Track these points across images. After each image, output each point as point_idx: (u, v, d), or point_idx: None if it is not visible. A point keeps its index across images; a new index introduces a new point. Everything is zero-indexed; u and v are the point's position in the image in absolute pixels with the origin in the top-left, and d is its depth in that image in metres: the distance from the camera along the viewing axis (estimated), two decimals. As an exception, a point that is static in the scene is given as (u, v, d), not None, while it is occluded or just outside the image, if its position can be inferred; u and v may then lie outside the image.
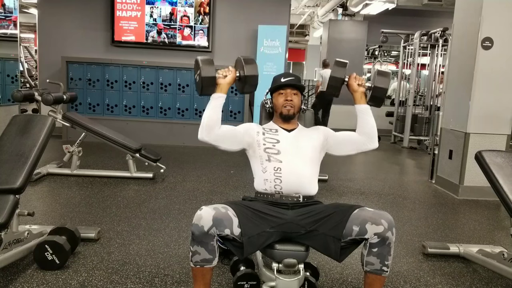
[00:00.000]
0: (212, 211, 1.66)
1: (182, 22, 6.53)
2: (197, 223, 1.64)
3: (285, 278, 1.75)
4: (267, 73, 6.20)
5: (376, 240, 1.66)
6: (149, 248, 2.64)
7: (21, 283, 2.12)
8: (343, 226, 1.71)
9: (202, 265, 1.69)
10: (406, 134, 7.55)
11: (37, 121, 2.42)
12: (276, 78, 2.09)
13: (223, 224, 1.65)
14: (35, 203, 3.49)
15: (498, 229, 3.44)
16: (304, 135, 2.04)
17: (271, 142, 1.96)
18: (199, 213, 1.67)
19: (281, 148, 1.94)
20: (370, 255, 1.69)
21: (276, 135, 2.00)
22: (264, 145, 1.95)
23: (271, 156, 1.92)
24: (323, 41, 9.65)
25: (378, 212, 1.71)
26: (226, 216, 1.67)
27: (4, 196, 2.06)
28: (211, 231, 1.63)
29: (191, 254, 1.69)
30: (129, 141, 4.30)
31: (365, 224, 1.67)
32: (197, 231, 1.64)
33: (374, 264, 1.69)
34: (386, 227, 1.65)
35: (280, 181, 1.88)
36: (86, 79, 6.52)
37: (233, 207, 1.73)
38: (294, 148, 1.95)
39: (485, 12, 4.03)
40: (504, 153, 2.45)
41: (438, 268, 2.59)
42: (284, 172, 1.88)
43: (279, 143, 1.96)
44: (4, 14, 5.28)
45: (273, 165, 1.91)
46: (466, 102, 4.22)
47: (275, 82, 2.07)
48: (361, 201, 3.98)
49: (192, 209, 3.47)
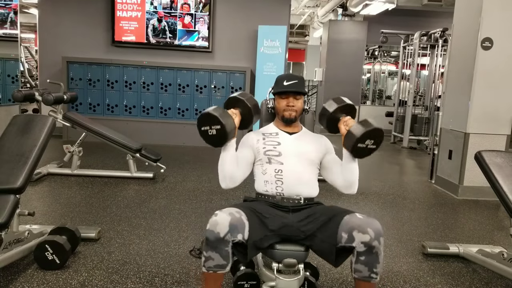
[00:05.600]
0: (228, 216, 1.62)
1: (183, 9, 6.51)
2: (212, 229, 1.61)
3: (285, 278, 1.75)
4: (267, 73, 6.21)
5: (363, 248, 1.63)
6: (149, 248, 2.64)
7: (22, 283, 2.12)
8: (336, 232, 1.69)
9: (215, 271, 1.67)
10: (406, 134, 7.56)
11: (37, 121, 2.42)
12: (279, 80, 2.01)
13: (237, 230, 1.63)
14: (36, 203, 3.49)
15: (497, 229, 3.44)
16: (306, 139, 1.99)
17: (272, 144, 1.94)
18: (214, 219, 1.62)
19: (282, 150, 1.92)
20: (358, 263, 1.66)
21: (277, 137, 1.97)
22: (264, 148, 1.93)
23: (272, 158, 1.90)
24: (323, 42, 9.64)
25: (366, 220, 1.66)
26: (240, 221, 1.65)
27: (4, 196, 2.06)
28: (226, 237, 1.60)
29: (204, 259, 1.66)
30: (129, 141, 4.31)
31: (352, 232, 1.64)
32: (212, 237, 1.60)
33: (362, 272, 1.67)
34: (372, 236, 1.61)
35: (281, 183, 1.87)
36: (86, 79, 6.53)
37: (245, 211, 1.72)
38: (296, 150, 1.92)
39: (485, 13, 4.04)
40: (504, 153, 2.45)
41: (437, 268, 2.60)
42: (285, 174, 1.87)
43: (280, 145, 1.93)
44: (4, 2, 5.23)
45: (273, 167, 1.89)
46: (466, 102, 4.23)
47: (278, 84, 2.00)
48: (361, 201, 3.99)
49: (192, 209, 3.48)
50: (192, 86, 6.58)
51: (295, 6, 11.12)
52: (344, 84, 8.97)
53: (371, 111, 9.73)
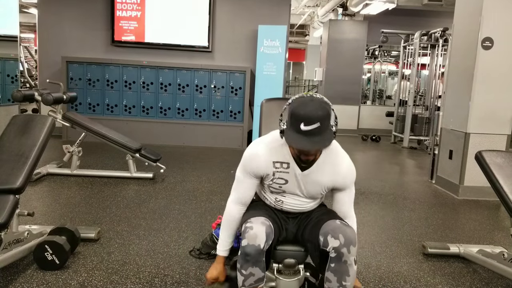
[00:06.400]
0: (262, 227, 1.58)
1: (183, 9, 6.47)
2: (252, 243, 1.54)
3: (285, 278, 1.75)
4: (267, 73, 6.20)
5: (333, 254, 1.57)
6: (149, 248, 2.64)
7: (21, 283, 2.12)
8: (317, 235, 1.64)
9: (256, 286, 1.63)
10: (406, 134, 7.55)
11: (37, 121, 2.42)
12: (293, 115, 1.47)
13: (270, 237, 1.60)
14: (35, 203, 3.49)
15: (498, 229, 3.43)
16: (318, 176, 1.67)
17: (279, 183, 1.70)
18: (252, 232, 1.55)
19: (287, 188, 1.71)
20: (329, 270, 1.61)
21: (287, 173, 1.66)
22: (270, 184, 1.72)
23: (274, 190, 1.75)
24: (323, 41, 9.63)
25: (341, 226, 1.60)
26: (271, 228, 1.62)
27: (4, 196, 2.06)
28: (265, 247, 1.57)
29: (243, 278, 1.60)
30: (129, 141, 4.30)
31: (327, 236, 1.59)
32: (253, 251, 1.55)
33: (331, 282, 1.60)
34: (341, 243, 1.55)
35: (281, 208, 1.80)
36: (86, 79, 6.52)
37: (268, 218, 1.68)
38: (302, 188, 1.71)
39: (485, 12, 4.03)
40: (504, 153, 2.45)
41: (438, 268, 2.59)
42: (285, 204, 1.78)
43: (286, 184, 1.69)
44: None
45: (274, 196, 1.78)
46: (466, 102, 4.22)
47: (292, 123, 1.48)
48: (361, 201, 3.98)
49: (192, 209, 3.47)
50: (192, 86, 6.58)
51: (295, 5, 11.11)
52: (344, 84, 8.97)
53: (372, 111, 9.74)
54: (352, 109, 9.12)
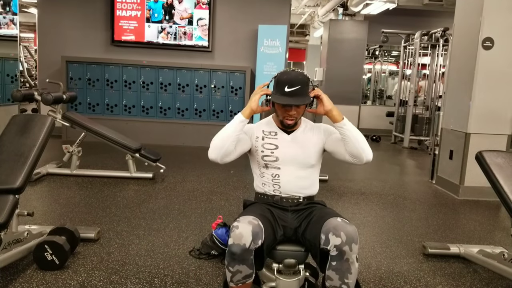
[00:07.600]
0: (249, 226, 1.61)
1: (183, 9, 6.47)
2: (238, 242, 1.58)
3: (285, 279, 1.74)
4: (267, 73, 6.20)
5: (335, 252, 1.60)
6: (149, 248, 2.64)
7: (21, 283, 2.12)
8: (319, 234, 1.67)
9: (244, 282, 1.67)
10: (407, 134, 7.55)
11: (36, 121, 2.42)
12: (279, 82, 1.77)
13: (258, 236, 1.63)
14: (35, 203, 3.49)
15: (498, 230, 3.43)
16: (305, 138, 1.88)
17: (269, 148, 1.86)
18: (237, 231, 1.60)
19: (279, 154, 1.85)
20: (330, 268, 1.63)
21: (275, 139, 1.87)
22: (262, 152, 1.86)
23: (269, 163, 1.86)
24: (323, 41, 9.62)
25: (343, 224, 1.63)
26: (259, 227, 1.65)
27: (3, 196, 2.05)
28: (251, 246, 1.60)
29: (231, 275, 1.65)
30: (129, 141, 4.30)
31: (328, 234, 1.62)
32: (239, 250, 1.59)
33: (333, 280, 1.63)
34: (343, 240, 1.58)
35: (278, 186, 1.87)
36: (86, 79, 6.52)
37: (259, 217, 1.71)
38: (293, 154, 1.85)
39: (485, 12, 4.03)
40: (505, 154, 2.45)
41: (438, 268, 2.59)
42: (282, 179, 1.86)
43: (278, 149, 1.85)
44: None
45: (271, 172, 1.87)
46: (467, 102, 4.22)
47: (278, 86, 1.77)
48: (361, 202, 3.98)
49: (192, 209, 3.47)
50: (192, 85, 6.57)
51: (295, 5, 11.10)
52: (344, 84, 8.95)
53: (372, 111, 9.72)
54: (352, 109, 9.10)
